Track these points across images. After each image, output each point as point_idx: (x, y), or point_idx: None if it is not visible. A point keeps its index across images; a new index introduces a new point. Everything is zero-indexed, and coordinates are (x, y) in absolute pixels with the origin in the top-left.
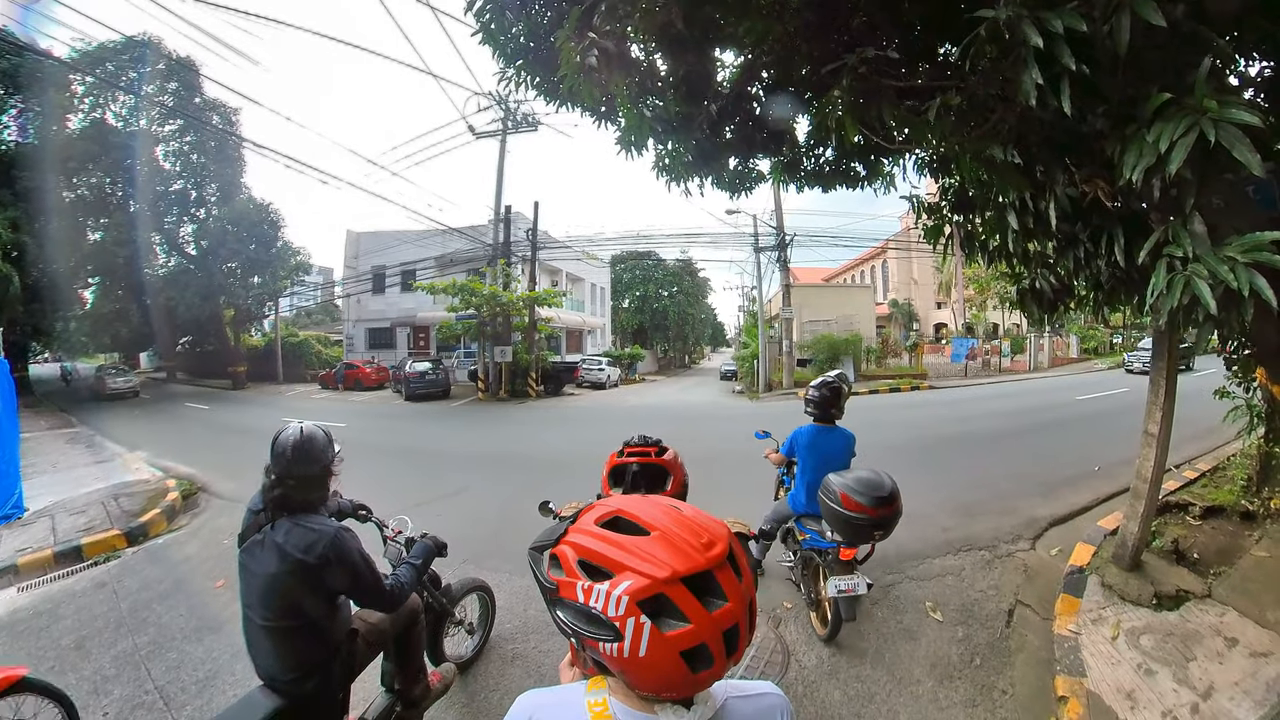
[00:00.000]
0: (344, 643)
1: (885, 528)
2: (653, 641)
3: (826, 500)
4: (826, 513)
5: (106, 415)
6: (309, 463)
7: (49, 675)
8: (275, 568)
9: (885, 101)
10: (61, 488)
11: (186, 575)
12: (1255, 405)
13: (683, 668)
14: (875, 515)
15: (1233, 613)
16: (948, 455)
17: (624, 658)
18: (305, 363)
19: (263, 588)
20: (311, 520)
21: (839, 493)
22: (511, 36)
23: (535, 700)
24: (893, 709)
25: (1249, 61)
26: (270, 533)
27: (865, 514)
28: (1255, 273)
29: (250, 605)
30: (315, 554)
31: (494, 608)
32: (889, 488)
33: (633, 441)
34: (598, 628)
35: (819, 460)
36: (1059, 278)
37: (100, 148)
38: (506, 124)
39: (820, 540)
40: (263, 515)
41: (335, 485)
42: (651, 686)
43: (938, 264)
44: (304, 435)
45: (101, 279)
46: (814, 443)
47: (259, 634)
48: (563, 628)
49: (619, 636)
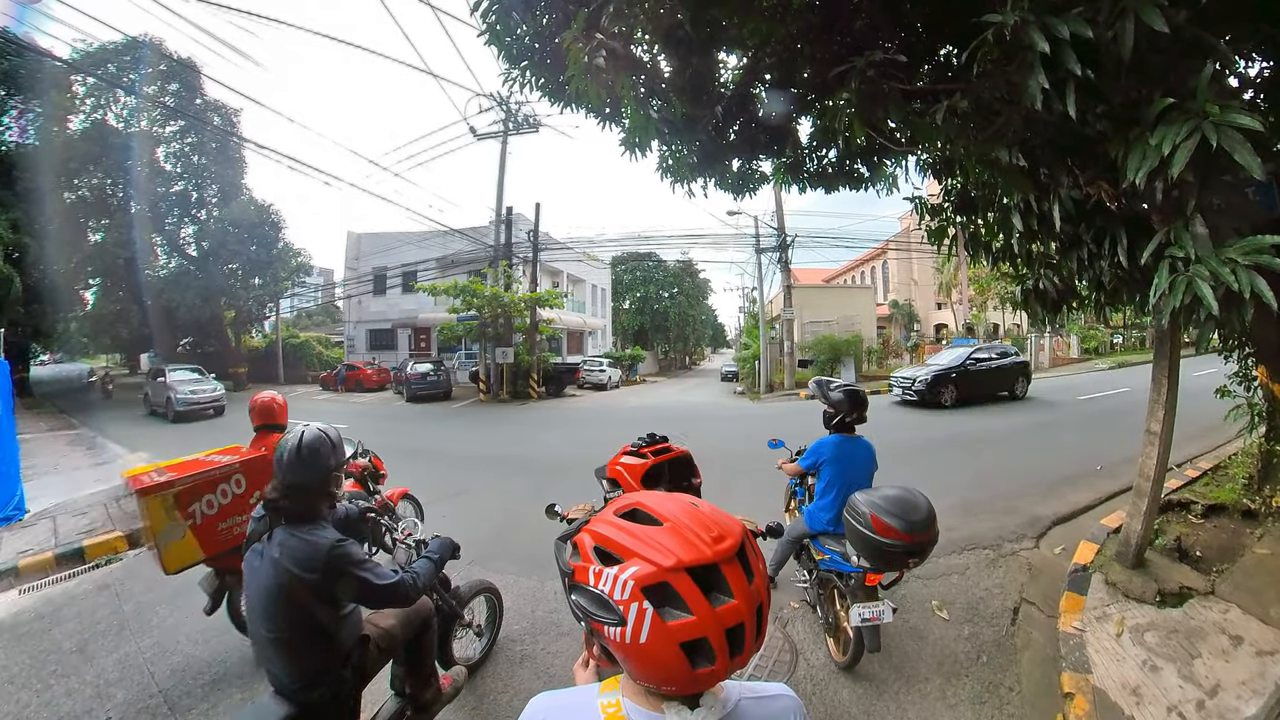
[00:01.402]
0: (355, 649)
1: (921, 555)
2: (654, 629)
3: (853, 522)
4: (853, 536)
5: (108, 417)
6: (306, 471)
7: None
8: (271, 581)
9: (892, 104)
10: (63, 489)
11: (190, 577)
12: (1256, 404)
13: (683, 660)
14: (911, 542)
15: (1236, 610)
16: (950, 454)
17: (626, 643)
18: (306, 364)
19: (263, 600)
20: (308, 532)
21: (869, 514)
22: (517, 38)
23: (548, 703)
24: (901, 707)
25: (1248, 63)
26: (267, 544)
27: (899, 540)
28: (1256, 275)
29: (254, 617)
30: (312, 569)
31: (502, 610)
32: (925, 509)
33: (644, 441)
34: (605, 611)
35: (843, 474)
36: (1062, 278)
37: (101, 149)
38: (508, 125)
39: (843, 564)
40: (263, 522)
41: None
42: (651, 677)
43: (938, 265)
44: (302, 442)
45: (102, 280)
46: (839, 455)
47: (265, 644)
48: (576, 612)
49: (622, 621)
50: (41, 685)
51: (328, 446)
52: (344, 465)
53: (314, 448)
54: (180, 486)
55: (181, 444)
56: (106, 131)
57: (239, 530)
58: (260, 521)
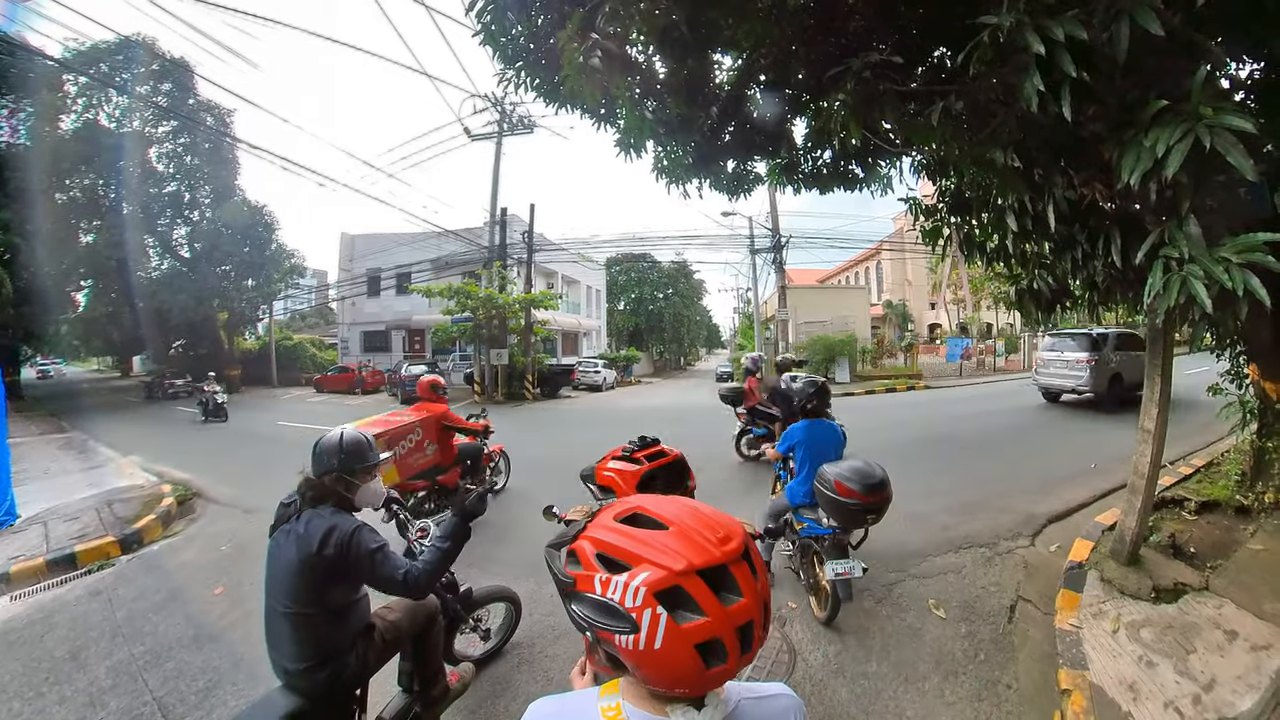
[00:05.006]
0: (360, 636)
1: (877, 512)
2: (668, 633)
3: (822, 489)
4: (822, 500)
5: (99, 420)
6: (317, 462)
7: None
8: (293, 555)
9: (887, 105)
10: (54, 494)
11: (183, 583)
12: (1248, 401)
13: (697, 661)
14: (867, 501)
15: (1230, 605)
16: (945, 454)
17: (639, 650)
18: (300, 366)
19: (283, 575)
20: (333, 514)
21: (834, 481)
22: (512, 38)
23: (548, 708)
24: (900, 705)
25: (1240, 64)
26: (295, 524)
27: (858, 500)
28: (1249, 273)
29: (272, 592)
30: (330, 545)
31: (518, 619)
32: (879, 475)
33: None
34: (615, 619)
35: (814, 452)
36: (1056, 278)
37: (93, 149)
38: (503, 126)
39: (817, 527)
40: (291, 508)
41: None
42: (665, 681)
43: (932, 265)
44: (321, 440)
45: (94, 282)
46: (808, 436)
47: (279, 621)
48: (578, 622)
49: (636, 628)
50: (34, 693)
51: (334, 447)
52: (368, 464)
53: (324, 444)
54: (390, 433)
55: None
56: (98, 131)
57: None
58: (289, 507)
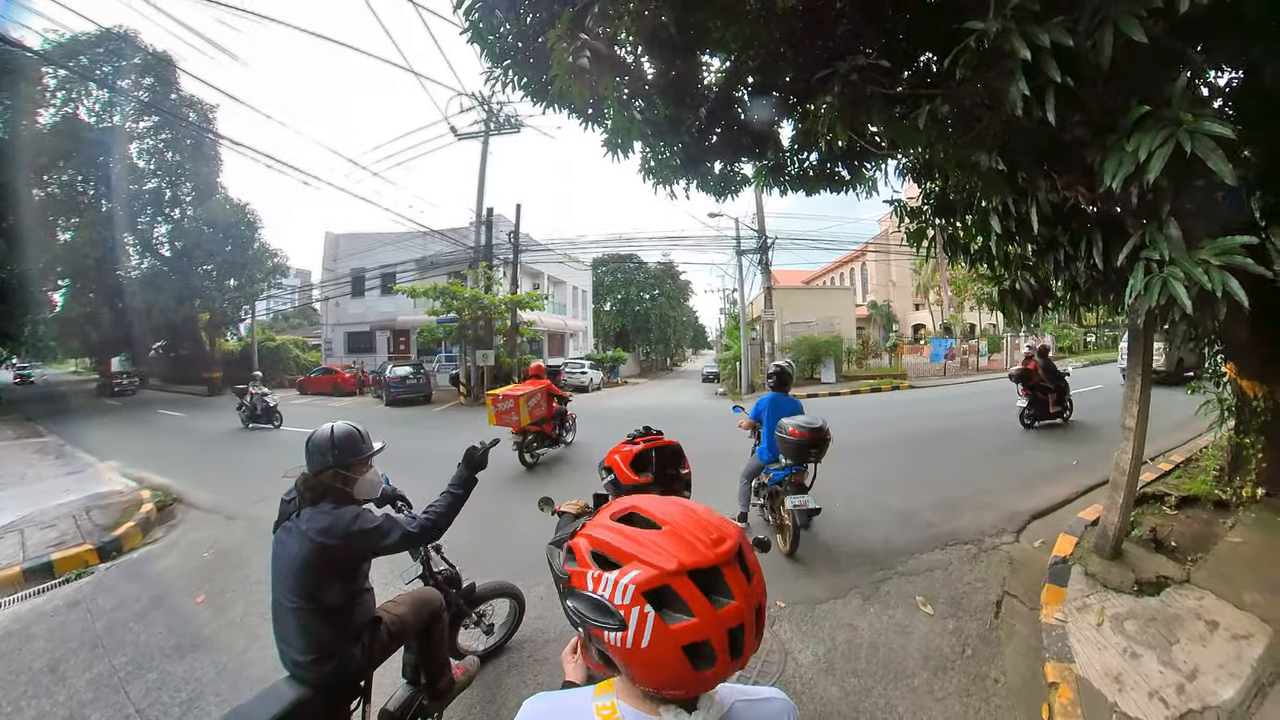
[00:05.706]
0: (367, 628)
1: (819, 447)
2: (656, 632)
3: (780, 435)
4: (781, 445)
5: (77, 423)
6: (311, 459)
7: (21, 701)
8: (298, 551)
9: (874, 108)
10: (30, 500)
11: (165, 591)
12: (1225, 399)
13: (685, 663)
14: (811, 438)
15: (1211, 596)
16: (929, 452)
17: (627, 648)
18: (283, 367)
19: (288, 570)
20: (333, 508)
21: (789, 428)
22: (500, 36)
23: (542, 706)
24: (890, 702)
25: (1218, 72)
26: (296, 520)
27: (804, 438)
28: (1228, 274)
29: (278, 587)
30: (334, 535)
31: (521, 615)
32: (820, 423)
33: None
34: (604, 616)
35: (776, 417)
36: (1039, 279)
37: (72, 144)
38: (489, 125)
39: (779, 473)
40: (292, 504)
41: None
42: (653, 681)
43: (916, 266)
44: (313, 437)
45: (72, 281)
46: (774, 405)
47: (286, 615)
48: (572, 618)
49: (623, 625)
50: (12, 708)
51: (325, 442)
52: (363, 455)
53: (315, 440)
54: (528, 394)
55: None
56: (78, 126)
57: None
58: (289, 504)
